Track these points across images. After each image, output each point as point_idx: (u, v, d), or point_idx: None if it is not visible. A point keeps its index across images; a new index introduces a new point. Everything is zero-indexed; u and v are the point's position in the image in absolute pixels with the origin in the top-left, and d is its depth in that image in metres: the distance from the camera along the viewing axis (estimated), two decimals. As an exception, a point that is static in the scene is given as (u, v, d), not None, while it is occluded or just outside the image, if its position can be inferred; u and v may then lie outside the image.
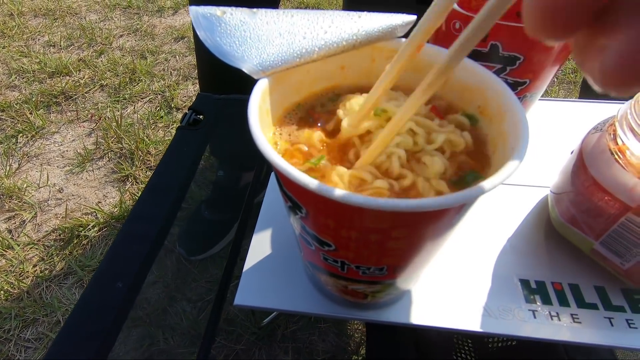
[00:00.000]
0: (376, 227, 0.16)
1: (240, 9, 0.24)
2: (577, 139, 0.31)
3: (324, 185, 0.15)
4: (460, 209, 0.17)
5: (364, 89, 0.25)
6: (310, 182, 0.15)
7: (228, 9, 0.23)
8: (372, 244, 0.17)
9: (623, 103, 0.27)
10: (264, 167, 0.47)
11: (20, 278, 0.81)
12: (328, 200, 0.14)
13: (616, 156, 0.26)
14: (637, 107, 0.25)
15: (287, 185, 0.17)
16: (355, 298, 0.26)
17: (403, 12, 0.25)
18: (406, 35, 0.25)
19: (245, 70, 0.21)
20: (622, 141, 0.26)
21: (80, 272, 0.81)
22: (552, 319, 0.27)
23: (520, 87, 0.33)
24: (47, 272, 0.82)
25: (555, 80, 1.26)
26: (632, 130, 0.25)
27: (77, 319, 0.32)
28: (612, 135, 0.27)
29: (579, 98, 0.79)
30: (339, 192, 0.14)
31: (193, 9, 0.23)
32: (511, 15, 0.28)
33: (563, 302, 0.28)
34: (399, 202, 0.14)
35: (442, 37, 0.35)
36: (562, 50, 0.31)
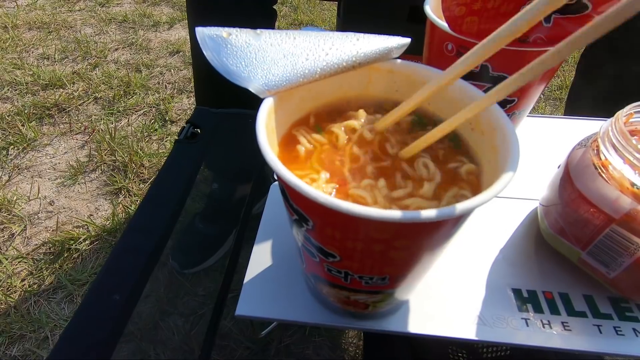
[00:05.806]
0: (380, 238, 0.17)
1: (244, 30, 0.25)
2: (563, 153, 0.32)
3: (333, 198, 0.16)
4: (457, 221, 0.18)
5: (363, 106, 0.27)
6: (320, 195, 0.16)
7: (233, 31, 0.25)
8: (376, 253, 0.18)
9: (605, 121, 0.29)
10: (260, 180, 0.48)
11: (8, 293, 0.79)
12: (336, 212, 0.15)
13: (600, 170, 0.27)
14: (618, 125, 0.27)
15: (295, 198, 0.18)
16: (357, 309, 0.26)
17: (396, 32, 0.27)
18: (401, 57, 0.26)
19: (251, 89, 0.22)
20: (605, 156, 0.27)
21: (70, 286, 0.80)
22: (543, 327, 0.28)
23: (509, 105, 0.35)
24: (35, 286, 0.80)
25: (542, 96, 1.30)
26: (614, 146, 0.27)
27: (75, 331, 0.32)
28: (595, 151, 0.28)
29: (564, 114, 0.82)
30: (347, 204, 0.15)
31: (199, 30, 0.24)
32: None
33: (554, 310, 0.29)
34: (403, 213, 0.15)
35: (435, 58, 0.37)
36: (548, 70, 0.33)
